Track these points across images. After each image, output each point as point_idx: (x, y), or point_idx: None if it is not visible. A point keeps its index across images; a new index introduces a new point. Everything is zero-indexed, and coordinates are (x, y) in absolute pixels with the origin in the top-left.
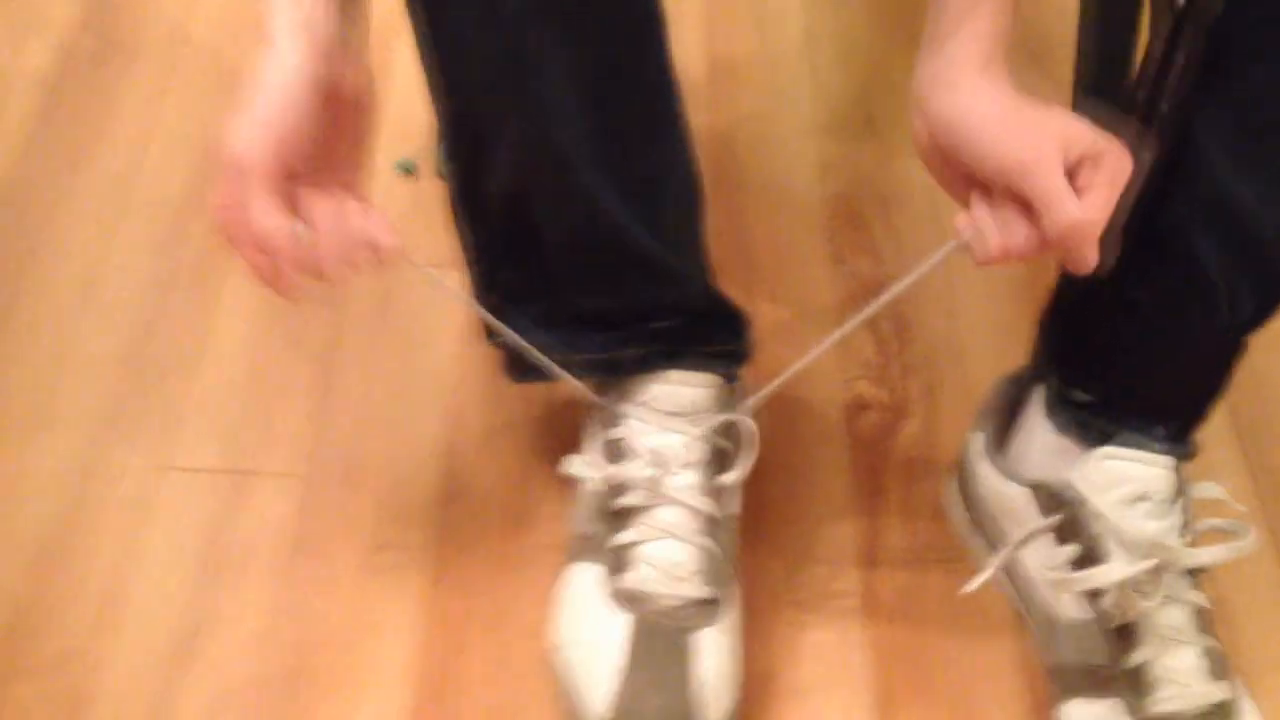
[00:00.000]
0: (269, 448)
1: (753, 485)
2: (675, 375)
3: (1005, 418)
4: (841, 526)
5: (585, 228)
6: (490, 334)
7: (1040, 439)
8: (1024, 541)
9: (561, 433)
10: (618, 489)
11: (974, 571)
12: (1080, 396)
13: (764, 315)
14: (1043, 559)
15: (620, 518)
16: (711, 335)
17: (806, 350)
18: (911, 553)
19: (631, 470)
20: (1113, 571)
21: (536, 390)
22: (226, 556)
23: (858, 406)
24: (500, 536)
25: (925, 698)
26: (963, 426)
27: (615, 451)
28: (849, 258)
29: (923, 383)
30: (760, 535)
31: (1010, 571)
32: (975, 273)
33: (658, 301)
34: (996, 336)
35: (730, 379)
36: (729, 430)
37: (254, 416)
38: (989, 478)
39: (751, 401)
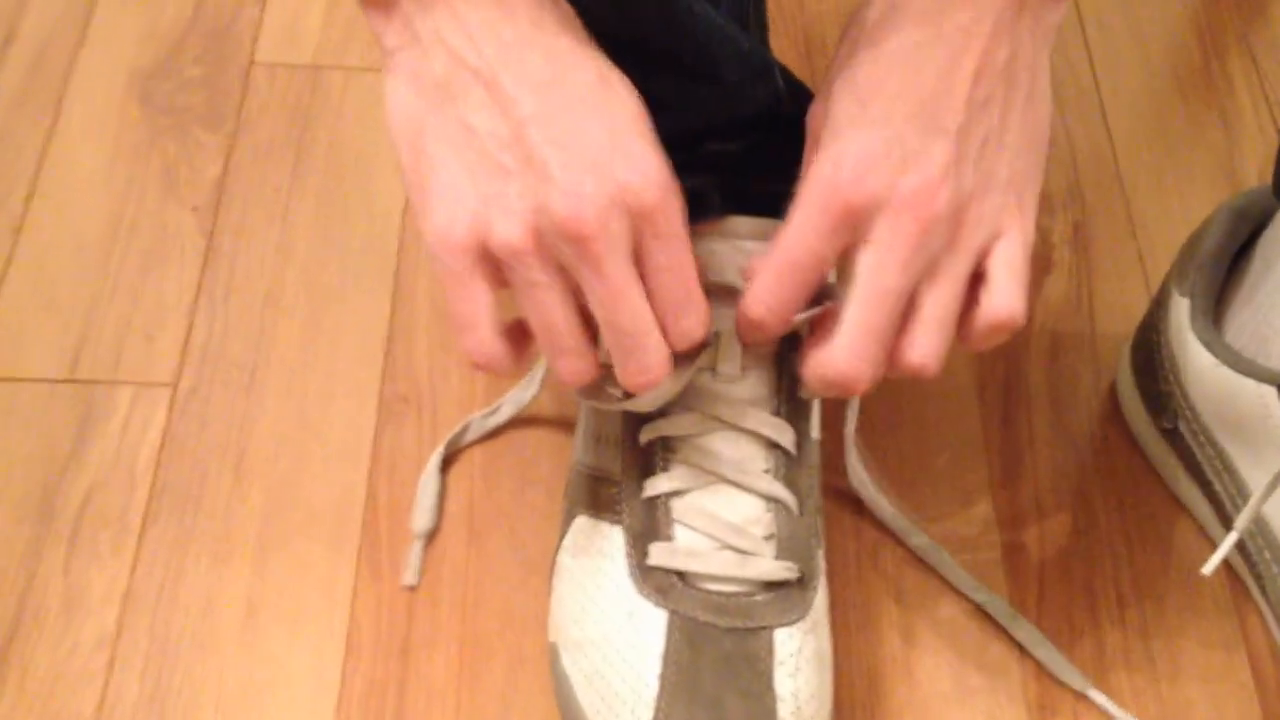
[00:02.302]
0: (128, 346)
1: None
2: (742, 224)
3: (1224, 271)
4: (963, 446)
5: None
6: None
7: None
8: (1275, 483)
9: None
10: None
11: (1167, 506)
12: None
13: None
14: None
15: (649, 454)
16: (796, 158)
17: None
18: (1067, 481)
19: None
20: None
21: None
22: (61, 508)
23: None
24: (472, 477)
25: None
26: (1133, 286)
27: None
28: None
29: (1068, 220)
30: (843, 470)
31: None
32: (1130, 46)
33: (719, 106)
34: (1180, 141)
35: None
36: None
37: (106, 297)
38: (1202, 366)
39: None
